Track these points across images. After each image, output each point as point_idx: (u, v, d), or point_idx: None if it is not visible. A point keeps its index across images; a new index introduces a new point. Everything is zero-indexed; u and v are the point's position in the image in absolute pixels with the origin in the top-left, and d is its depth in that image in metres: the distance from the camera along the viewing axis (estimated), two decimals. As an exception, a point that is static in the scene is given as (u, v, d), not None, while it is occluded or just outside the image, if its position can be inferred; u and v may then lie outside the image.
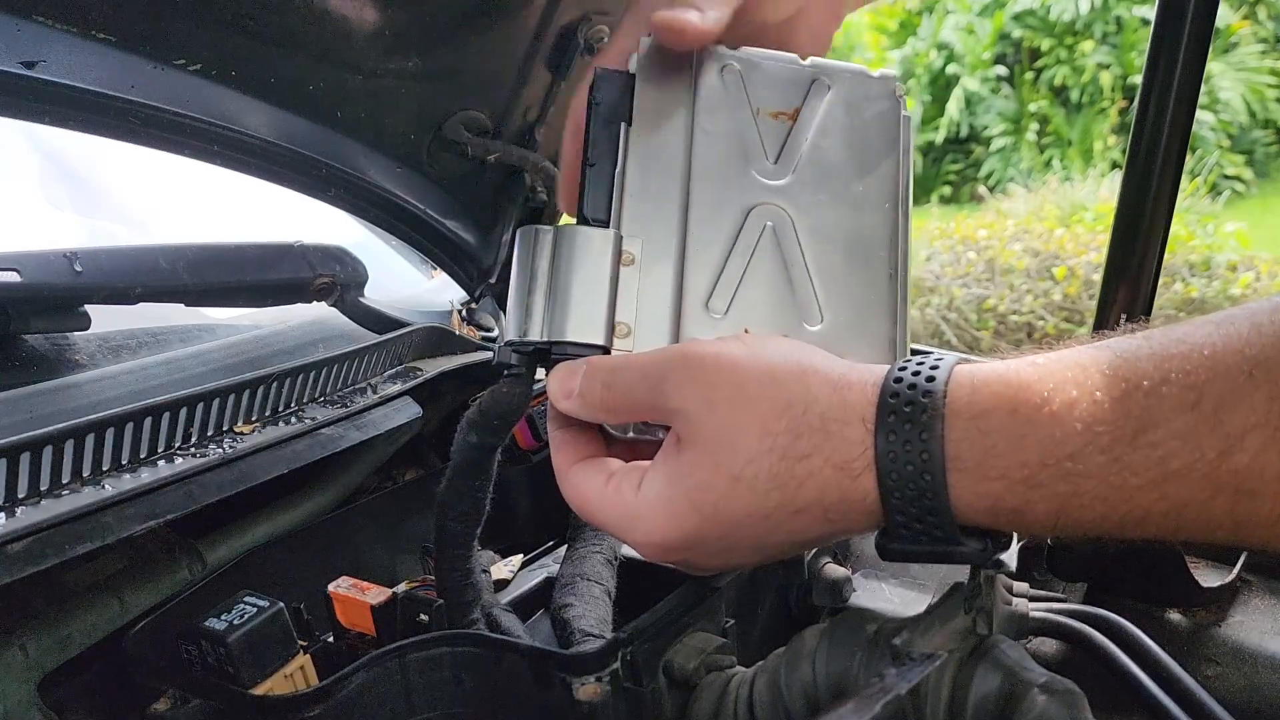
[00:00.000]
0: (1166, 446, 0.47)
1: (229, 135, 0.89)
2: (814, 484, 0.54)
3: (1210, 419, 0.47)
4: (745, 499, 0.55)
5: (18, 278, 0.84)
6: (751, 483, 0.55)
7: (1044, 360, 0.52)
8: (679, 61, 0.66)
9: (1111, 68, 8.01)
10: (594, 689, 0.67)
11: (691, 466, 0.56)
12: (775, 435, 0.54)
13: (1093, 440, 0.48)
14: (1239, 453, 0.46)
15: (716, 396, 0.56)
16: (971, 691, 0.60)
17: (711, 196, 0.66)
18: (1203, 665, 0.86)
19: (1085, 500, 0.49)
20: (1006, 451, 0.50)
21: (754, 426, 0.55)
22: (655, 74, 0.66)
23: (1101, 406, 0.48)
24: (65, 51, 0.76)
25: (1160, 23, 1.02)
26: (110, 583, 0.79)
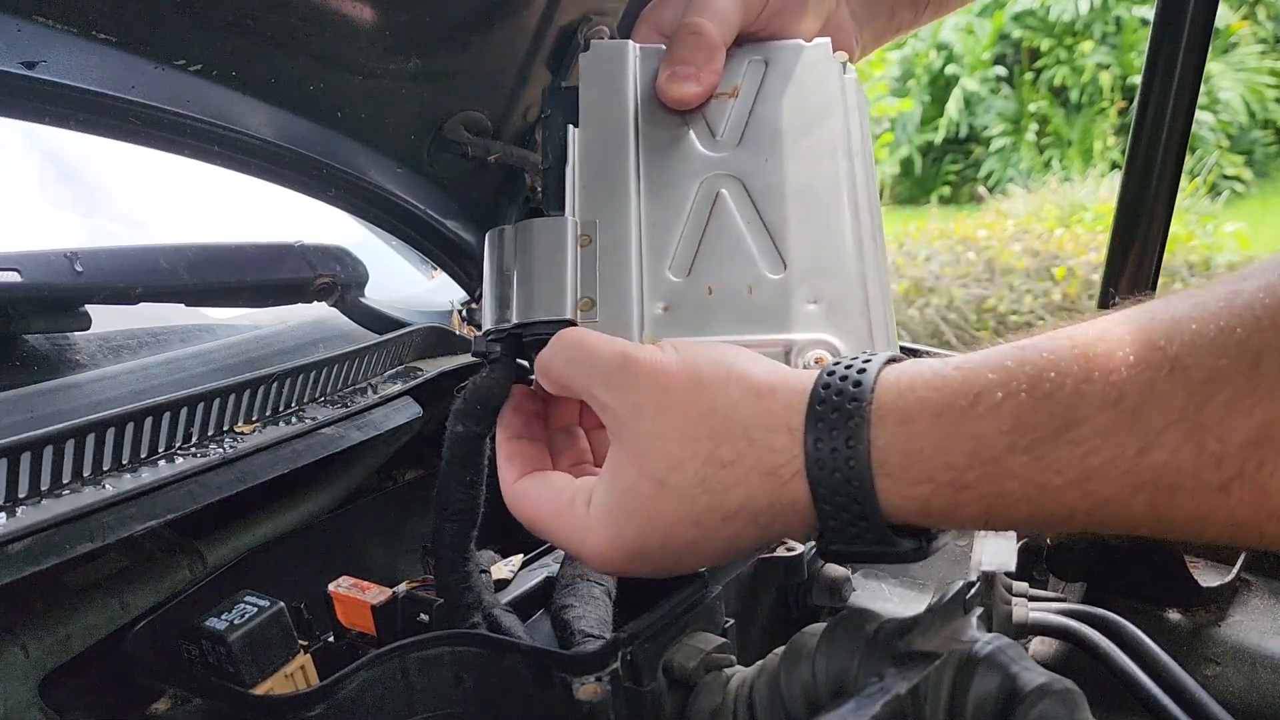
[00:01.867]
0: (1088, 444, 0.47)
1: (229, 136, 0.89)
2: (741, 490, 0.55)
3: (1130, 416, 0.47)
4: (673, 504, 0.56)
5: (18, 278, 0.84)
6: (678, 489, 0.55)
7: (970, 362, 0.52)
8: (619, 66, 0.73)
9: (1111, 68, 8.01)
10: (594, 689, 0.67)
11: (620, 473, 0.58)
12: (697, 441, 0.55)
13: (1016, 441, 0.49)
14: (1158, 449, 0.46)
15: (643, 402, 0.57)
16: (971, 691, 0.60)
17: (662, 176, 0.71)
18: (1202, 665, 0.86)
19: (1011, 501, 0.50)
20: (932, 456, 0.50)
21: (675, 433, 0.56)
22: (597, 80, 0.72)
23: (1025, 408, 0.49)
24: (66, 52, 0.76)
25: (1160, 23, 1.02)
26: (111, 583, 0.79)
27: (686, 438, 0.55)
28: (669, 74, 0.71)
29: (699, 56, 0.71)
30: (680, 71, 0.71)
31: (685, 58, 0.71)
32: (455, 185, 1.10)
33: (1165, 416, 0.46)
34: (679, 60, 0.71)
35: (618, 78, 0.72)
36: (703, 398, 0.56)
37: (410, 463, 1.11)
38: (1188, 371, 0.46)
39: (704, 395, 0.56)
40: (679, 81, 0.70)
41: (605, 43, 0.74)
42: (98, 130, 0.84)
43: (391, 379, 1.03)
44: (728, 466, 0.54)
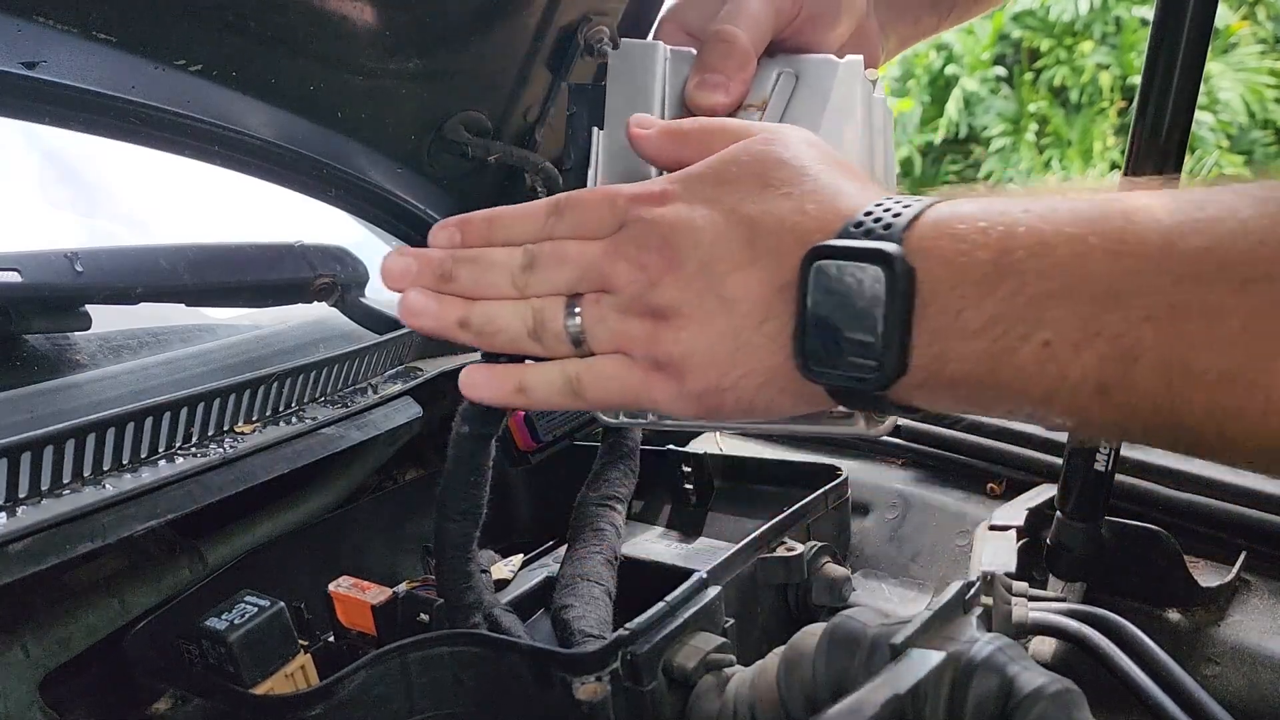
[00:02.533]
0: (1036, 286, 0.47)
1: (230, 136, 0.89)
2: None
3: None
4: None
5: (19, 278, 0.84)
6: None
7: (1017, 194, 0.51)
8: (648, 67, 0.71)
9: (1111, 68, 8.01)
10: (594, 688, 0.67)
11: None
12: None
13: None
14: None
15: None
16: (971, 691, 0.60)
17: None
18: (1202, 665, 0.86)
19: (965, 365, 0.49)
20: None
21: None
22: (624, 81, 0.70)
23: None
24: (66, 52, 0.76)
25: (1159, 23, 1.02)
26: (111, 582, 0.79)
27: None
28: (698, 81, 0.69)
29: (729, 65, 0.69)
30: (710, 80, 0.69)
31: (715, 65, 0.69)
32: (455, 185, 1.10)
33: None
34: (709, 68, 0.69)
35: (646, 80, 0.71)
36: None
37: (410, 463, 1.11)
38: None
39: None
40: (708, 90, 0.69)
41: (635, 42, 0.71)
42: (98, 130, 0.84)
43: (392, 379, 1.03)
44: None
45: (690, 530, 1.06)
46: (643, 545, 1.02)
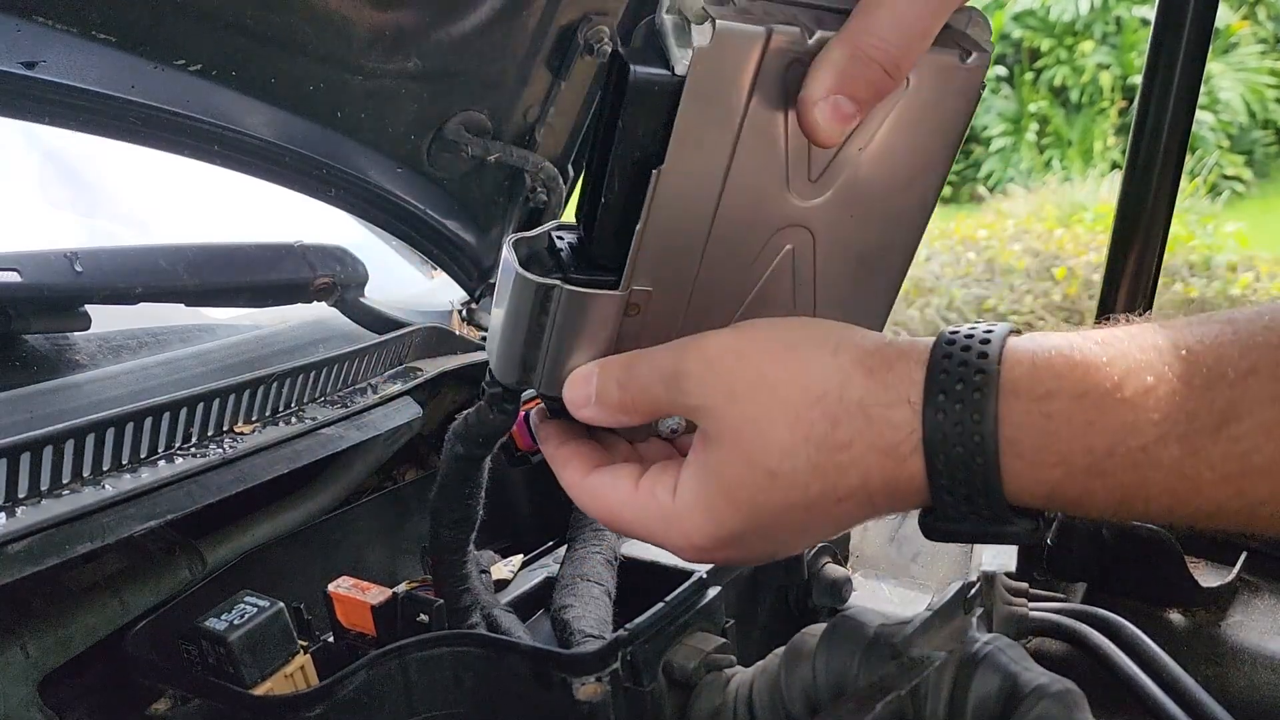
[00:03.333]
0: (1250, 441, 0.44)
1: (229, 135, 0.89)
2: (857, 471, 0.51)
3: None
4: (785, 493, 0.52)
5: (18, 278, 0.84)
6: (790, 476, 0.51)
7: (1113, 339, 0.48)
8: (740, 69, 0.51)
9: (1111, 68, 8.01)
10: (594, 689, 0.67)
11: (722, 464, 0.53)
12: (810, 424, 0.51)
13: (1169, 430, 0.45)
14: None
15: (738, 387, 0.52)
16: (971, 692, 0.60)
17: (737, 223, 0.57)
18: (1202, 665, 0.86)
19: (1153, 492, 0.47)
20: (1070, 438, 0.47)
21: (784, 417, 0.51)
22: (707, 93, 0.52)
23: (1182, 395, 0.45)
24: (65, 52, 0.76)
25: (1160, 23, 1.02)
26: (111, 583, 0.79)
27: (798, 420, 0.51)
28: (832, 107, 0.52)
29: (869, 93, 0.53)
30: (843, 109, 0.52)
31: (856, 91, 0.52)
32: (455, 185, 1.10)
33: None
34: (848, 90, 0.52)
35: (737, 94, 0.52)
36: (810, 376, 0.51)
37: (410, 463, 1.11)
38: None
39: (812, 373, 0.51)
40: (839, 120, 0.53)
41: (738, 31, 0.50)
42: (98, 130, 0.84)
43: (391, 379, 1.03)
44: (844, 449, 0.50)
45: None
46: (643, 545, 1.02)
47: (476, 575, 0.79)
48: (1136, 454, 0.46)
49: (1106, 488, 0.47)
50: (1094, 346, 0.48)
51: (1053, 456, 0.47)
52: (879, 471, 0.50)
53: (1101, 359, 0.47)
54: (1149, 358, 0.47)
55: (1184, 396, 0.45)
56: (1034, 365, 0.48)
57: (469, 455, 0.73)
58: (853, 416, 0.50)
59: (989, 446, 0.48)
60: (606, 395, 0.57)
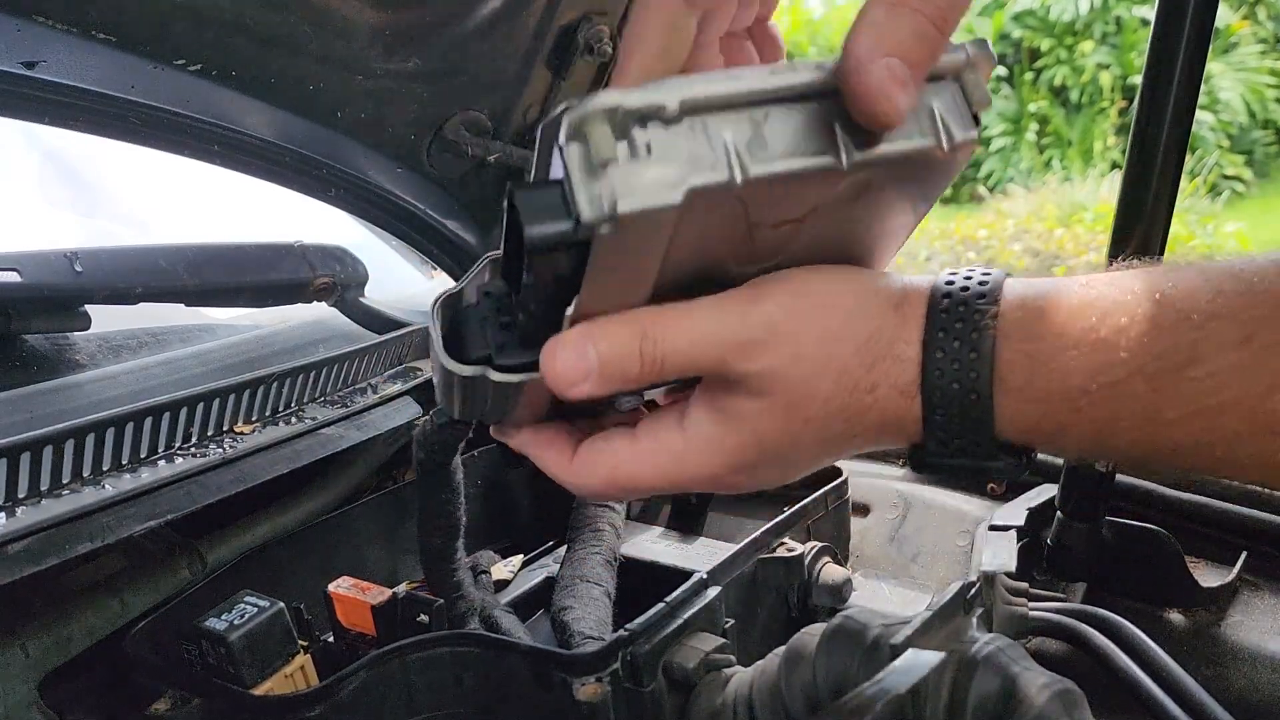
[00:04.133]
0: (1210, 381, 0.46)
1: (229, 135, 0.89)
2: (877, 411, 0.52)
3: (1259, 356, 0.45)
4: (812, 433, 0.53)
5: (18, 278, 0.84)
6: (822, 420, 0.52)
7: (1095, 282, 0.50)
8: (661, 228, 0.45)
9: (1111, 68, 8.01)
10: (594, 689, 0.67)
11: (762, 413, 0.52)
12: (853, 372, 0.52)
13: (1139, 369, 0.47)
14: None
15: (803, 349, 0.51)
16: (971, 692, 0.60)
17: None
18: (1202, 665, 0.86)
19: (1122, 427, 0.49)
20: (1050, 376, 0.49)
21: (834, 368, 0.52)
22: (621, 256, 0.46)
23: (1151, 336, 0.47)
24: (66, 52, 0.76)
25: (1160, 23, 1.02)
26: (111, 583, 0.79)
27: (845, 370, 0.52)
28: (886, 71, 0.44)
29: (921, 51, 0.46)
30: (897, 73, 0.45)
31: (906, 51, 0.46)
32: (455, 185, 1.10)
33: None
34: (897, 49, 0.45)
35: (654, 246, 0.46)
36: (863, 325, 0.52)
37: (410, 463, 1.11)
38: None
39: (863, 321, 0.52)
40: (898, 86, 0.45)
41: (642, 208, 0.42)
42: (98, 130, 0.83)
43: (391, 379, 1.03)
44: (872, 390, 0.52)
45: (690, 530, 1.06)
46: (643, 545, 1.02)
47: (470, 580, 0.79)
48: (1108, 390, 0.48)
49: (1081, 422, 0.49)
50: (1078, 289, 0.50)
51: (1036, 392, 0.49)
52: (893, 410, 0.52)
53: (1082, 301, 0.49)
54: (1126, 300, 0.49)
55: (1152, 337, 0.47)
56: (1023, 306, 0.50)
57: (430, 460, 0.73)
58: (883, 358, 0.52)
59: (984, 381, 0.50)
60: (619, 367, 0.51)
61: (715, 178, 0.43)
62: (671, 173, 0.43)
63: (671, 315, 0.52)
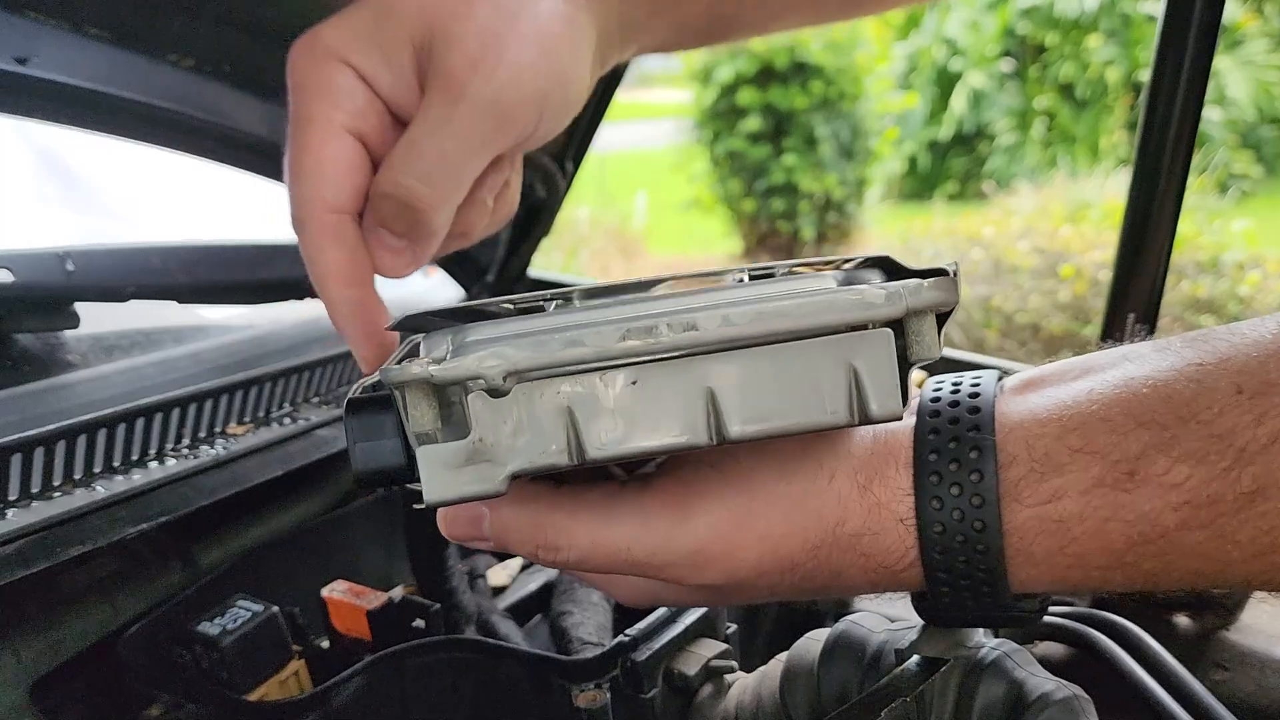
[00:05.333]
0: (1279, 516, 0.40)
1: (223, 131, 0.89)
2: (857, 584, 0.49)
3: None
4: (767, 591, 0.50)
5: (9, 276, 0.83)
6: (771, 592, 0.50)
7: (1112, 412, 0.43)
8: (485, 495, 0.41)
9: (1118, 64, 7.99)
10: (594, 695, 0.66)
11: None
12: (804, 569, 0.48)
13: (1191, 516, 0.41)
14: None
15: (740, 566, 0.47)
16: (977, 698, 0.59)
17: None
18: (1210, 670, 0.85)
19: (1175, 576, 0.43)
20: (1085, 539, 0.43)
21: (776, 568, 0.48)
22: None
23: (1201, 477, 0.41)
24: (57, 47, 0.76)
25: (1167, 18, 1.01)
26: (102, 586, 0.78)
27: (793, 569, 0.47)
28: (375, 239, 0.53)
29: (416, 232, 0.52)
30: (386, 241, 0.53)
31: (389, 224, 0.53)
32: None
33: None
34: (387, 224, 0.53)
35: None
36: (810, 521, 0.46)
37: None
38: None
39: (810, 518, 0.46)
40: (389, 255, 0.53)
41: (455, 496, 0.40)
42: (90, 126, 0.83)
43: (388, 379, 1.02)
44: (839, 576, 0.48)
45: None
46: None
47: (464, 588, 0.78)
48: (1157, 543, 0.42)
49: (1127, 578, 0.44)
50: (1101, 431, 0.43)
51: (1068, 559, 0.44)
52: (881, 582, 0.48)
53: (1109, 443, 0.43)
54: (1155, 435, 0.42)
55: (1204, 478, 0.41)
56: (1030, 450, 0.44)
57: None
58: (845, 551, 0.47)
59: (994, 552, 0.44)
60: (513, 543, 0.49)
61: (550, 460, 0.38)
62: (497, 455, 0.38)
63: (572, 517, 0.46)
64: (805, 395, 0.39)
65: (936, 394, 0.47)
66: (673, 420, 0.37)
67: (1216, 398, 0.41)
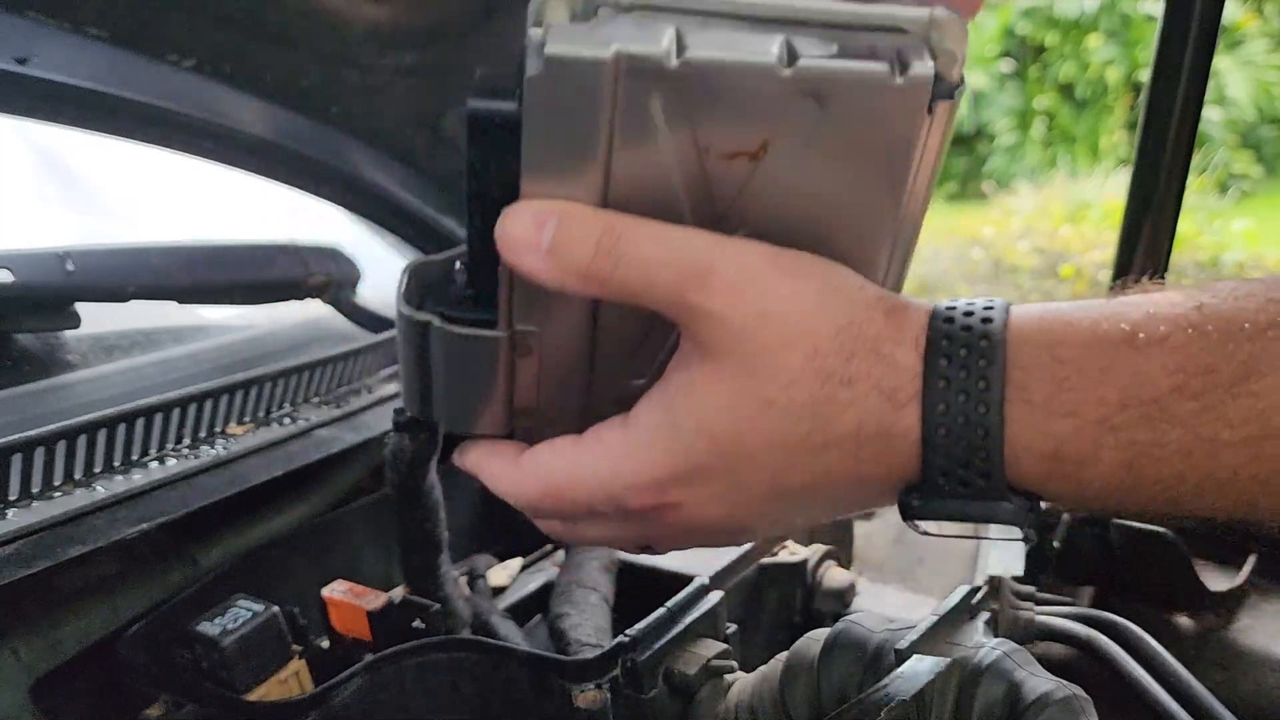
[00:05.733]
0: (1271, 399, 0.41)
1: (222, 131, 0.89)
2: (854, 412, 0.46)
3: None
4: (772, 426, 0.47)
5: (9, 276, 0.83)
6: (785, 408, 0.46)
7: (1123, 297, 0.45)
8: (587, 98, 0.44)
9: (1118, 64, 7.99)
10: (593, 696, 0.66)
11: (714, 383, 0.47)
12: (826, 356, 0.46)
13: (1185, 383, 0.42)
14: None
15: (772, 306, 0.46)
16: (977, 697, 0.59)
17: None
18: (1210, 670, 0.85)
19: (1165, 452, 0.43)
20: (1082, 385, 0.43)
21: (806, 344, 0.46)
22: (550, 127, 0.45)
23: (1198, 346, 0.42)
24: (58, 47, 0.76)
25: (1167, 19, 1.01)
26: (103, 586, 0.78)
27: (817, 350, 0.46)
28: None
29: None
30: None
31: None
32: (451, 181, 1.10)
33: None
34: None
35: (589, 125, 0.44)
36: (840, 305, 0.46)
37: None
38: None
39: (841, 301, 0.46)
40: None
41: (573, 58, 0.43)
42: (90, 126, 0.83)
43: (386, 379, 1.02)
44: (849, 384, 0.46)
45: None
46: (643, 547, 1.01)
47: (457, 595, 0.79)
48: (1150, 407, 0.43)
49: (1117, 444, 0.43)
50: (1103, 303, 0.45)
51: (1063, 405, 0.44)
52: (875, 416, 0.46)
53: (1114, 310, 0.45)
54: (1165, 310, 0.44)
55: (1200, 347, 0.42)
56: (1042, 317, 0.46)
57: (403, 482, 0.73)
58: (866, 352, 0.46)
59: (993, 390, 0.44)
60: (571, 251, 0.47)
61: (650, 49, 0.42)
62: (609, 36, 0.43)
63: (640, 222, 0.47)
64: (859, 55, 0.44)
65: (952, 303, 0.48)
66: (756, 47, 0.43)
67: (1224, 288, 0.44)
